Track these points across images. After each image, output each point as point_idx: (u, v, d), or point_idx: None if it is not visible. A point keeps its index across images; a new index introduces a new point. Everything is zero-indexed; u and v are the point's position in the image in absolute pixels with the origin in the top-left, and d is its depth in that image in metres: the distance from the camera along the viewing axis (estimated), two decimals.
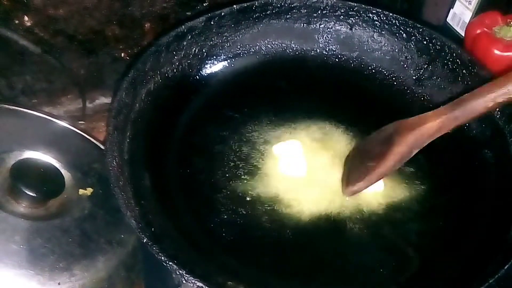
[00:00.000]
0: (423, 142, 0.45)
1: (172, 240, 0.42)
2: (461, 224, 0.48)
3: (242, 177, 0.50)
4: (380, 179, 0.47)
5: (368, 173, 0.46)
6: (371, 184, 0.47)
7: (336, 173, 0.52)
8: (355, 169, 0.49)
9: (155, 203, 0.45)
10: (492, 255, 0.42)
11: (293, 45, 0.61)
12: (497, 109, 0.52)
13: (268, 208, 0.49)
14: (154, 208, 0.44)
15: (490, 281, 0.39)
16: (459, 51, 0.56)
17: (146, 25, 0.69)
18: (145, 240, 0.38)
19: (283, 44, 0.61)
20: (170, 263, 0.37)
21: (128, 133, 0.48)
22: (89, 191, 0.55)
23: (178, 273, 0.37)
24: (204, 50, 0.58)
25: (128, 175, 0.44)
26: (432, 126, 0.44)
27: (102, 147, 0.59)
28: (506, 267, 0.39)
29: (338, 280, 0.45)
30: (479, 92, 0.43)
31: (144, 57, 0.52)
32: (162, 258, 0.38)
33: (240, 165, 0.51)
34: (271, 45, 0.60)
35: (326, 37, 0.61)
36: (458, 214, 0.49)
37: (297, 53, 0.61)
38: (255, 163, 0.52)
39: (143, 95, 0.52)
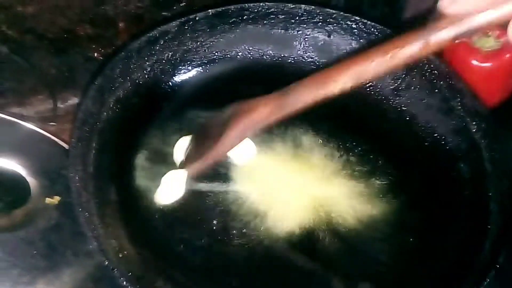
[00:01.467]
0: (254, 127, 0.46)
1: (137, 263, 0.40)
2: (434, 241, 0.48)
3: (216, 190, 0.49)
4: (215, 160, 0.48)
5: (203, 155, 0.47)
6: (206, 165, 0.48)
7: (310, 186, 0.51)
8: (195, 149, 0.49)
9: (121, 220, 0.43)
10: (465, 276, 0.42)
11: (270, 52, 0.59)
12: (473, 122, 0.52)
13: (239, 222, 0.47)
14: (121, 226, 0.42)
15: None
16: (437, 62, 0.55)
17: (120, 25, 0.67)
18: (106, 263, 0.36)
19: (260, 50, 0.59)
20: None
21: (94, 144, 0.46)
22: (56, 199, 0.53)
23: None
24: (177, 56, 0.56)
25: (93, 190, 0.43)
26: (263, 111, 0.45)
27: None
28: None
29: None
30: (310, 82, 0.44)
31: (113, 63, 0.50)
32: (124, 283, 0.36)
33: (211, 178, 0.50)
34: (247, 51, 0.59)
35: (304, 44, 0.59)
36: (431, 231, 0.49)
37: (274, 59, 0.60)
38: (228, 175, 0.51)
39: (112, 103, 0.50)
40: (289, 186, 0.51)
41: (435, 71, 0.55)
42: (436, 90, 0.55)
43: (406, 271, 0.46)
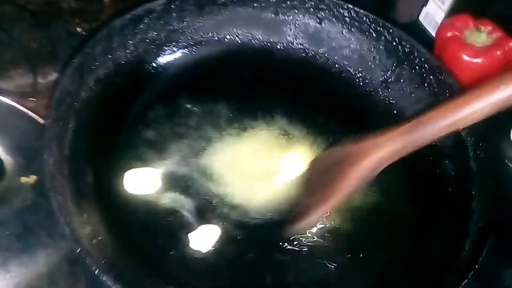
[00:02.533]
0: (379, 167, 0.41)
1: (111, 250, 0.39)
2: (414, 238, 0.47)
3: (195, 176, 0.48)
4: (324, 214, 0.44)
5: (312, 211, 0.44)
6: (314, 223, 0.44)
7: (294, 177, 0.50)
8: (306, 194, 0.46)
9: (97, 205, 0.42)
10: (444, 275, 0.42)
11: (259, 36, 0.58)
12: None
13: (222, 213, 0.47)
14: (96, 211, 0.41)
15: None
16: (428, 56, 0.55)
17: None
18: (78, 251, 0.35)
19: (248, 34, 0.58)
20: (105, 277, 0.35)
21: (71, 125, 0.44)
22: (32, 178, 0.52)
23: None
24: (162, 36, 0.54)
25: (68, 173, 0.41)
26: (390, 149, 0.39)
27: None
28: None
29: None
30: (445, 110, 0.39)
31: (93, 40, 0.48)
32: (97, 271, 0.35)
33: (194, 164, 0.49)
34: (236, 34, 0.57)
35: (294, 30, 0.58)
36: (412, 227, 0.48)
37: (263, 44, 0.58)
38: (210, 162, 0.49)
39: (91, 82, 0.48)
40: (273, 175, 0.50)
41: (426, 65, 0.55)
42: (426, 84, 0.55)
43: (384, 267, 0.46)
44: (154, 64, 0.54)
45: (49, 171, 0.39)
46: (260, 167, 0.50)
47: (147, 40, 0.53)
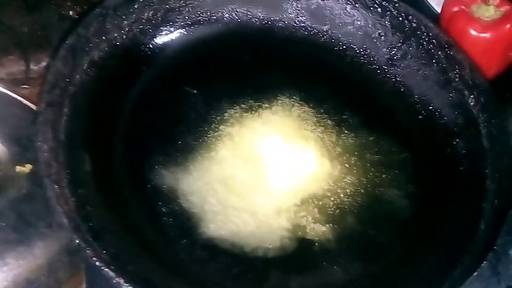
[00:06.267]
0: None
1: (112, 241, 0.37)
2: (428, 220, 0.46)
3: (197, 160, 0.46)
4: None
5: None
6: None
7: (300, 159, 0.48)
8: None
9: (96, 193, 0.40)
10: (460, 257, 0.40)
11: (260, 14, 0.56)
12: (471, 96, 0.50)
13: (223, 194, 0.45)
14: (94, 200, 0.39)
15: None
16: (436, 31, 0.53)
17: None
18: (77, 242, 0.34)
19: (248, 13, 0.55)
20: (106, 269, 0.33)
21: (66, 110, 0.42)
22: (27, 167, 0.50)
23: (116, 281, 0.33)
24: (158, 15, 0.52)
25: (64, 160, 0.39)
26: None
27: None
28: (475, 273, 0.37)
29: None
30: None
31: (86, 20, 0.46)
32: (97, 263, 0.33)
33: (196, 148, 0.47)
34: (235, 13, 0.55)
35: (296, 7, 0.56)
36: (424, 208, 0.47)
37: (263, 23, 0.56)
38: (211, 146, 0.48)
39: (85, 65, 0.46)
40: (278, 158, 0.48)
41: (433, 41, 0.53)
42: (434, 61, 0.53)
43: (399, 250, 0.45)
44: (150, 45, 0.52)
45: (44, 158, 0.37)
46: (265, 149, 0.49)
47: (142, 19, 0.51)
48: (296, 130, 0.51)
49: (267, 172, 0.48)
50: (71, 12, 0.64)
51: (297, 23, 0.56)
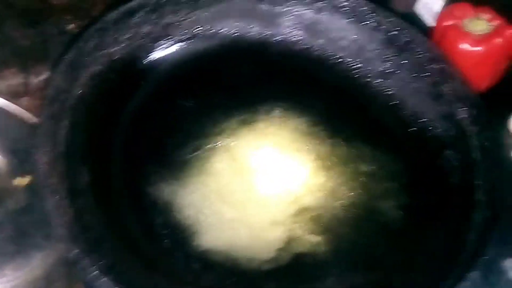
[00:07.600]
0: None
1: (110, 251, 0.38)
2: (418, 230, 0.47)
3: (193, 173, 0.47)
4: None
5: None
6: None
7: (293, 171, 0.49)
8: None
9: (94, 204, 0.41)
10: (449, 267, 0.41)
11: (256, 29, 0.57)
12: (463, 108, 0.51)
13: (218, 206, 0.46)
14: (93, 210, 0.40)
15: None
16: (428, 45, 0.54)
17: None
18: (75, 252, 0.34)
19: (244, 27, 0.56)
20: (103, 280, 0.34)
21: (65, 122, 0.43)
22: (26, 179, 0.51)
23: None
24: (156, 30, 0.53)
25: (63, 171, 0.40)
26: None
27: None
28: (466, 283, 0.38)
29: None
30: None
31: (86, 35, 0.47)
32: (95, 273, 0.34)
33: (192, 161, 0.48)
34: (231, 27, 0.56)
35: (291, 22, 0.57)
36: (415, 219, 0.47)
37: (259, 37, 0.57)
38: (207, 158, 0.48)
39: (85, 79, 0.47)
40: (274, 170, 0.49)
41: (426, 54, 0.54)
42: (426, 74, 0.54)
43: (391, 260, 0.45)
44: (148, 60, 0.53)
45: (43, 169, 0.38)
46: (260, 161, 0.49)
47: (141, 34, 0.52)
48: (291, 142, 0.51)
49: (262, 184, 0.48)
50: (71, 26, 0.66)
51: (292, 37, 0.57)
